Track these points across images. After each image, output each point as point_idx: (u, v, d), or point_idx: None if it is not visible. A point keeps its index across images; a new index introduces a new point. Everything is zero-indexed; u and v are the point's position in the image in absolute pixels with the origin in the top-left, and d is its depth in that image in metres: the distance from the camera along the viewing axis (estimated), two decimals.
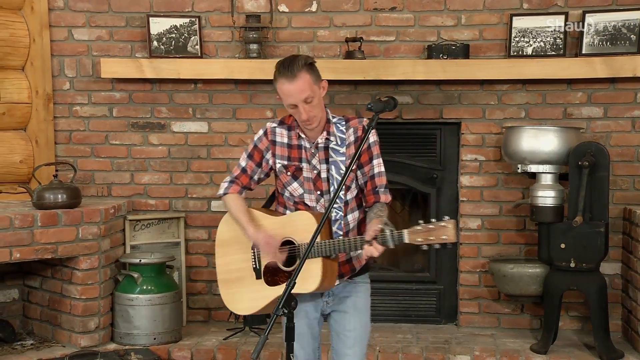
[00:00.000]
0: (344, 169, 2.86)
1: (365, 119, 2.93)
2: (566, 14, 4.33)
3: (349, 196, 2.92)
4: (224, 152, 4.62)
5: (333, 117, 2.95)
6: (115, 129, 4.65)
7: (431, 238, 2.60)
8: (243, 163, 3.02)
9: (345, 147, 2.89)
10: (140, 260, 4.20)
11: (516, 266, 4.23)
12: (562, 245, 4.03)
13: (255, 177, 3.02)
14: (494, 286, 4.45)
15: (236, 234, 2.98)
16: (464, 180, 4.54)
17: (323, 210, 2.88)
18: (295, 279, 2.53)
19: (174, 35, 4.52)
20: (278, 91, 2.85)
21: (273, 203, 3.14)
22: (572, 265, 4.01)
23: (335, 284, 2.90)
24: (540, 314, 4.39)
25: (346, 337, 2.96)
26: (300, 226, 2.84)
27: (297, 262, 2.82)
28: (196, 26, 4.53)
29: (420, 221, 2.63)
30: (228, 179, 3.05)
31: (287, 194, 2.97)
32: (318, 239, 2.70)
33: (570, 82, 4.41)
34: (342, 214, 2.88)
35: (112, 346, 4.14)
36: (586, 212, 3.99)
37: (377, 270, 4.69)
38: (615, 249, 4.36)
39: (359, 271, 2.99)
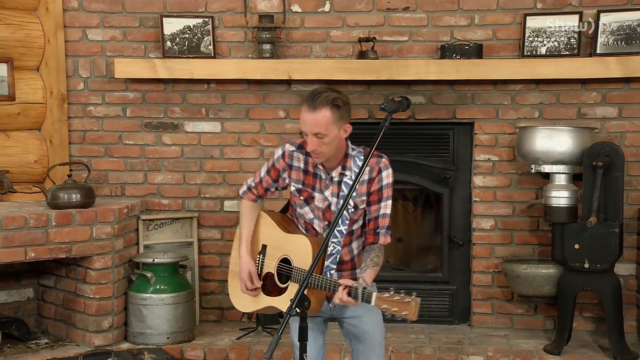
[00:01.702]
0: (353, 204, 2.88)
1: (384, 159, 2.91)
2: (580, 14, 4.31)
3: (355, 226, 2.94)
4: (236, 152, 4.63)
5: (353, 150, 2.92)
6: (129, 129, 4.67)
7: (394, 309, 2.62)
8: (262, 174, 3.08)
9: (358, 184, 2.84)
10: (153, 260, 4.22)
11: (530, 267, 4.22)
12: (576, 246, 4.01)
13: (272, 189, 3.10)
14: (507, 287, 4.43)
15: (254, 234, 3.08)
16: (477, 180, 4.52)
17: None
18: (305, 284, 2.59)
19: (187, 35, 4.54)
20: (300, 117, 2.84)
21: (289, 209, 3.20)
22: (586, 266, 3.99)
23: (321, 309, 2.93)
24: (554, 315, 4.37)
25: (366, 338, 2.99)
26: (298, 250, 2.90)
27: (289, 283, 2.93)
28: (209, 26, 4.54)
29: (392, 289, 2.64)
30: (249, 182, 3.11)
31: (299, 211, 3.02)
32: (306, 269, 2.78)
33: (585, 82, 4.38)
34: (340, 249, 2.89)
35: (125, 345, 4.15)
36: (600, 213, 3.97)
37: (389, 270, 4.70)
38: (630, 250, 4.34)
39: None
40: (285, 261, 2.96)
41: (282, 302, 2.91)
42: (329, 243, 2.84)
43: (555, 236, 4.13)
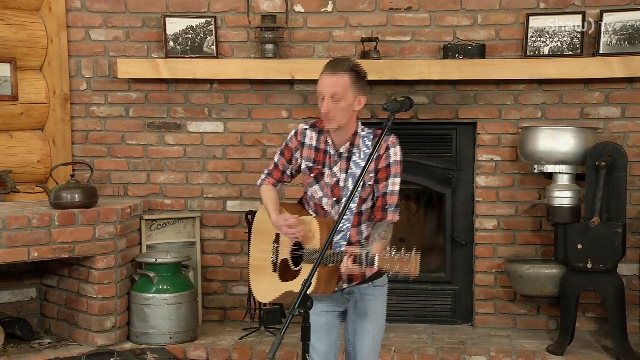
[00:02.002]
0: (361, 181, 2.89)
1: (392, 137, 2.95)
2: (583, 14, 4.30)
3: (364, 207, 2.97)
4: (239, 152, 4.63)
5: (362, 130, 2.97)
6: (132, 129, 4.68)
7: (396, 267, 2.65)
8: (276, 159, 3.14)
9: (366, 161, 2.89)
10: (156, 260, 4.22)
11: (532, 267, 4.22)
12: (579, 246, 4.01)
13: (288, 172, 3.13)
14: (510, 287, 4.43)
15: (267, 225, 3.10)
16: (480, 180, 4.52)
17: (336, 217, 2.94)
18: (310, 280, 2.60)
19: (189, 35, 4.54)
20: (318, 81, 2.90)
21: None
22: (589, 266, 3.99)
23: (343, 287, 2.99)
24: (557, 315, 4.36)
25: (364, 338, 3.03)
26: (310, 232, 2.94)
27: (301, 264, 2.96)
28: (212, 26, 4.54)
29: (393, 248, 2.68)
30: (265, 171, 3.18)
31: (309, 193, 3.05)
32: (317, 245, 2.85)
33: (588, 82, 4.38)
34: (350, 225, 2.93)
35: (128, 345, 4.16)
36: (603, 213, 3.96)
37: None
38: (633, 250, 4.33)
39: (374, 275, 3.03)
40: (298, 244, 2.99)
41: (297, 285, 2.80)
42: (341, 220, 2.84)
43: (558, 236, 4.13)
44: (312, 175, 3.01)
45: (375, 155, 2.88)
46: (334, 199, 2.97)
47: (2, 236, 3.77)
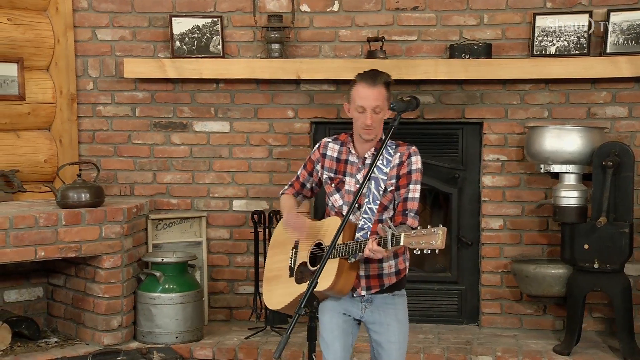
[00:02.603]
0: (383, 186, 2.98)
1: (413, 147, 3.07)
2: (590, 13, 4.29)
3: (385, 215, 3.01)
4: (245, 151, 4.63)
5: (383, 136, 3.04)
6: (138, 129, 4.68)
7: (422, 242, 2.71)
8: (299, 171, 3.25)
9: (389, 168, 3.00)
10: (162, 259, 4.23)
11: (539, 267, 4.21)
12: (586, 246, 4.00)
13: (308, 185, 3.22)
14: (516, 287, 4.42)
15: (285, 237, 3.16)
16: (486, 180, 4.51)
17: (357, 222, 3.00)
18: (317, 279, 2.61)
19: (196, 35, 4.54)
20: (353, 94, 2.98)
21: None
22: (596, 266, 3.98)
23: (362, 294, 3.01)
24: (563, 315, 4.35)
25: (390, 348, 3.04)
26: (329, 230, 2.99)
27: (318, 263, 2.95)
28: (218, 26, 4.54)
29: (418, 227, 2.78)
30: (288, 182, 3.27)
31: (329, 204, 3.11)
32: (340, 241, 2.85)
33: (595, 81, 4.37)
34: (371, 225, 2.96)
35: (134, 344, 4.16)
36: (610, 213, 3.95)
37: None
38: None
39: (396, 285, 3.07)
40: (318, 245, 3.03)
41: (319, 282, 2.81)
42: (360, 217, 2.95)
43: (564, 236, 4.12)
44: (333, 184, 3.08)
45: (397, 162, 3.00)
46: (356, 205, 2.98)
47: (10, 235, 3.78)
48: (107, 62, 4.65)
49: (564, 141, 4.08)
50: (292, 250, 3.11)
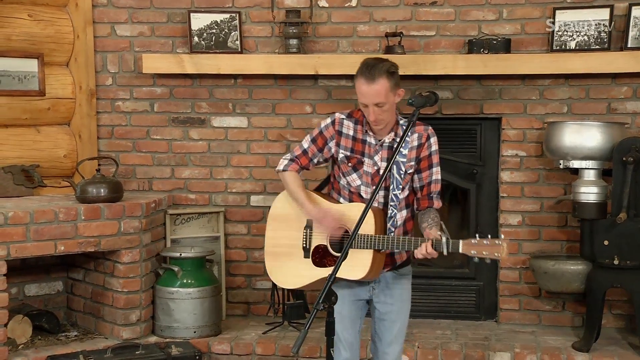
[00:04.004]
0: (404, 169, 2.97)
1: (430, 128, 3.06)
2: (611, 7, 4.25)
3: (401, 196, 3.01)
4: (263, 147, 4.64)
5: (401, 119, 3.04)
6: (156, 124, 4.70)
7: (484, 252, 2.77)
8: (305, 145, 3.13)
9: (407, 150, 2.99)
10: (180, 254, 4.25)
11: (558, 263, 4.18)
12: (606, 242, 3.97)
13: (315, 160, 3.14)
14: (535, 283, 4.40)
15: (289, 212, 3.11)
16: (505, 176, 4.49)
17: (377, 205, 3.01)
18: (335, 274, 2.59)
19: (214, 30, 4.55)
20: (356, 88, 2.95)
21: (326, 187, 3.26)
22: (616, 262, 3.95)
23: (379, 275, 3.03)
24: (582, 312, 4.33)
25: (392, 327, 3.08)
26: (356, 217, 2.89)
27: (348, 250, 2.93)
28: (236, 22, 4.55)
29: (477, 235, 2.81)
30: (288, 156, 3.16)
31: (343, 182, 3.07)
32: (372, 233, 2.88)
33: (615, 76, 4.33)
34: (397, 212, 2.98)
35: (153, 339, 4.19)
36: (630, 209, 3.92)
37: (416, 265, 4.65)
38: None
39: (403, 263, 3.09)
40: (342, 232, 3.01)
41: (342, 270, 2.78)
42: (388, 207, 2.95)
43: (584, 232, 4.09)
44: (350, 164, 3.03)
45: (415, 144, 2.98)
46: (374, 187, 2.97)
47: (30, 230, 3.82)
48: (125, 57, 4.67)
49: (583, 137, 4.05)
50: (306, 229, 3.06)
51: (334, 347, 3.05)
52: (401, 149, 2.96)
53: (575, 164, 4.08)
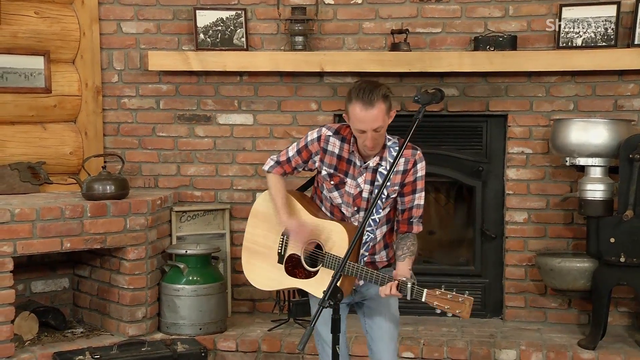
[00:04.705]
0: (386, 193, 2.94)
1: (419, 152, 2.98)
2: (618, 4, 4.23)
3: (382, 213, 2.99)
4: (269, 144, 4.64)
5: (388, 141, 2.98)
6: (162, 121, 4.71)
7: (446, 307, 2.72)
8: (290, 154, 3.11)
9: (392, 174, 2.91)
10: (186, 251, 4.25)
11: (564, 260, 4.17)
12: (612, 240, 3.96)
13: (299, 169, 3.15)
14: (541, 280, 4.39)
15: (271, 212, 3.11)
16: (510, 173, 4.48)
17: (356, 224, 2.99)
18: (341, 272, 2.62)
19: (220, 27, 4.55)
20: (350, 113, 2.87)
21: (308, 188, 3.26)
22: (622, 260, 3.94)
23: (359, 282, 3.02)
24: (588, 309, 4.32)
25: (381, 322, 3.07)
26: (332, 237, 2.96)
27: (319, 266, 2.97)
28: (242, 19, 4.55)
29: (443, 287, 2.75)
30: (275, 158, 3.16)
31: (326, 195, 3.07)
32: (340, 256, 2.85)
33: (622, 73, 4.31)
34: (373, 237, 2.97)
35: (158, 335, 4.20)
36: (637, 206, 3.91)
37: (421, 263, 4.68)
38: None
39: (384, 267, 3.10)
40: (317, 246, 3.00)
41: (310, 285, 2.96)
42: (365, 231, 2.91)
43: (590, 230, 4.08)
44: (332, 182, 3.01)
45: (401, 169, 2.93)
46: (355, 208, 3.00)
47: (36, 227, 3.83)
48: (131, 54, 4.68)
49: (590, 134, 4.04)
50: (283, 236, 3.07)
51: (322, 351, 3.09)
52: (385, 172, 2.92)
53: (582, 161, 4.07)
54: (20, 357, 3.79)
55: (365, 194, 2.97)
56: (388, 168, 2.88)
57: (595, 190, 4.03)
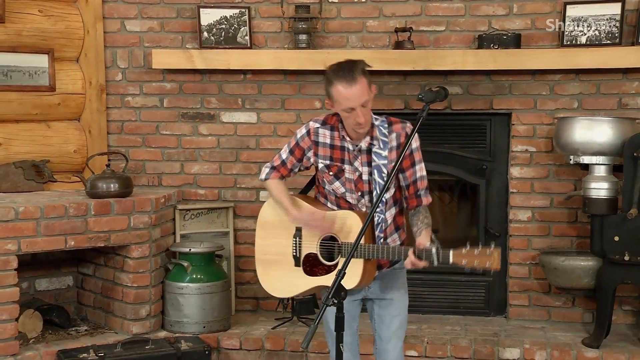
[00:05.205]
0: (386, 172, 2.93)
1: (408, 124, 2.98)
2: (623, 2, 4.22)
3: (387, 195, 2.98)
4: (272, 142, 4.64)
5: (376, 120, 2.98)
6: (166, 119, 4.71)
7: (475, 262, 2.71)
8: (284, 155, 3.12)
9: (387, 151, 2.93)
10: (190, 250, 4.25)
11: (568, 259, 4.17)
12: (616, 238, 3.95)
13: (295, 170, 3.14)
14: (544, 279, 4.39)
15: (278, 219, 3.10)
16: (514, 171, 4.48)
17: (364, 209, 2.99)
18: (345, 270, 2.59)
19: (224, 26, 4.55)
20: (334, 95, 2.87)
21: (310, 189, 3.25)
22: (627, 258, 3.93)
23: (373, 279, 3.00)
24: (592, 308, 4.31)
25: (391, 323, 3.07)
26: (346, 226, 2.95)
27: (337, 259, 2.96)
28: (246, 17, 4.55)
29: (468, 244, 2.74)
30: (269, 165, 3.16)
31: (328, 189, 3.06)
32: (362, 242, 2.81)
33: (626, 71, 4.31)
34: (384, 217, 2.96)
35: (162, 333, 4.20)
36: None
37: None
38: None
39: (398, 260, 3.07)
40: (327, 239, 2.99)
41: (332, 280, 2.85)
42: (374, 213, 2.88)
43: (594, 228, 4.07)
44: (331, 173, 3.01)
45: (395, 144, 2.92)
46: (359, 193, 2.99)
47: (41, 225, 3.83)
48: (135, 53, 4.68)
49: (594, 132, 4.03)
50: (295, 238, 3.05)
51: (332, 347, 3.08)
52: (380, 152, 2.92)
53: (586, 159, 4.07)
54: (25, 355, 3.80)
55: (365, 177, 2.97)
56: (384, 147, 2.90)
57: (599, 188, 4.02)
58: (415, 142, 2.95)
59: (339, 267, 2.87)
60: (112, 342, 3.96)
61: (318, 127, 3.03)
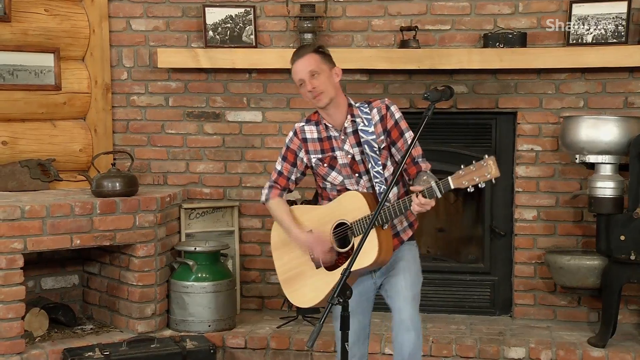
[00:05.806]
0: (376, 146, 2.98)
1: (387, 99, 3.07)
2: (629, 0, 4.21)
3: (387, 173, 3.02)
4: (277, 141, 4.64)
5: (356, 103, 3.07)
6: (171, 118, 4.72)
7: (475, 178, 2.70)
8: (279, 167, 3.17)
9: (372, 127, 3.00)
10: (195, 248, 4.26)
11: (573, 258, 4.16)
12: (622, 237, 3.94)
13: (293, 177, 3.18)
14: (550, 278, 4.38)
15: (287, 237, 3.16)
16: (520, 170, 4.47)
17: (366, 190, 3.02)
18: (351, 267, 2.58)
19: (229, 25, 4.56)
20: (292, 77, 3.03)
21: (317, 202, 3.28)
22: (633, 257, 3.92)
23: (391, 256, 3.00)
24: (598, 307, 4.30)
25: (402, 277, 3.03)
26: (349, 206, 2.97)
27: (352, 240, 2.97)
28: (251, 16, 4.55)
29: (462, 166, 2.74)
30: (267, 184, 3.21)
31: (328, 185, 3.09)
32: (367, 213, 2.87)
33: (632, 70, 4.29)
34: (385, 187, 2.98)
35: (167, 332, 4.21)
36: None
37: (430, 260, 4.68)
38: None
39: (409, 239, 3.12)
40: (339, 226, 3.01)
41: (362, 259, 2.85)
42: (374, 184, 2.97)
43: (600, 227, 4.06)
44: (325, 164, 3.05)
45: (378, 118, 3.00)
46: (356, 174, 3.03)
47: (46, 224, 3.84)
48: (141, 52, 4.69)
49: (600, 131, 4.02)
50: None
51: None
52: (366, 128, 2.99)
53: (592, 158, 4.06)
54: (31, 353, 3.81)
55: (358, 157, 3.03)
56: (369, 124, 2.97)
57: (605, 187, 4.01)
58: (397, 113, 3.04)
59: (356, 246, 2.81)
60: (118, 340, 3.97)
61: (303, 125, 3.12)
